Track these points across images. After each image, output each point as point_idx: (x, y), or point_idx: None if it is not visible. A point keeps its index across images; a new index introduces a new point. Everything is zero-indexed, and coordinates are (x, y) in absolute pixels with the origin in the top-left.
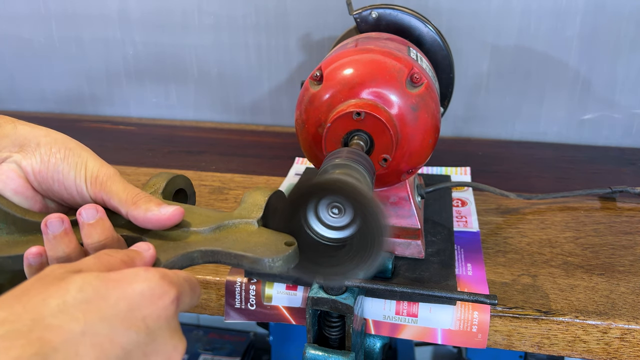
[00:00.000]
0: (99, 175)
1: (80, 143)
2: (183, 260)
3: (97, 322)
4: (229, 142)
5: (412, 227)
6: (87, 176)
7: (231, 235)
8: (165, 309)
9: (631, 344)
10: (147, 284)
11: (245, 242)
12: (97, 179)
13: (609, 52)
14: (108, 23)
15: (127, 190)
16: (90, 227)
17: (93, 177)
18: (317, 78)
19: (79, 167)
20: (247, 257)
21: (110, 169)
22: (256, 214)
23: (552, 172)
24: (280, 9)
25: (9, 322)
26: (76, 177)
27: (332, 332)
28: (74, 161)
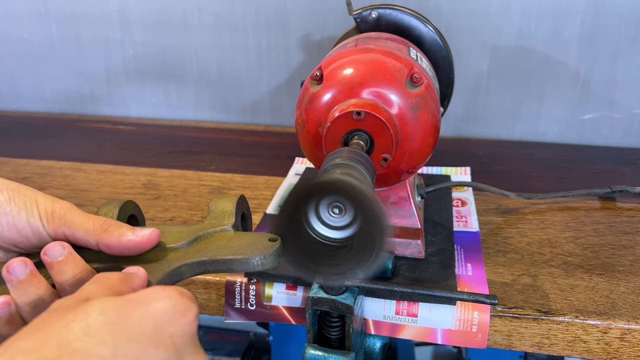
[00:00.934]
0: (55, 210)
1: (23, 184)
2: (172, 277)
3: (125, 343)
4: (229, 142)
5: (412, 226)
6: (41, 213)
7: (211, 244)
8: (189, 324)
9: (631, 344)
10: (168, 301)
11: (229, 247)
12: (53, 215)
13: (609, 52)
14: (108, 23)
15: (91, 220)
16: (60, 264)
17: (49, 213)
18: (317, 78)
19: (29, 205)
20: (236, 260)
21: (65, 202)
22: (228, 221)
23: (552, 172)
24: (280, 9)
25: (34, 350)
26: (28, 216)
27: (332, 332)
28: (21, 200)
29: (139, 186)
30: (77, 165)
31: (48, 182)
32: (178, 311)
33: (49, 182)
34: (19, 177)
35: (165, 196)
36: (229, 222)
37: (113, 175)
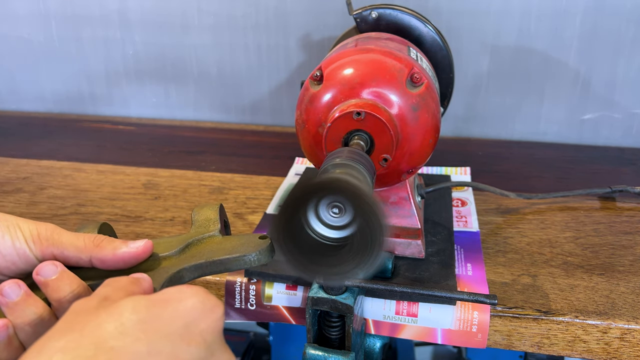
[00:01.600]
0: (40, 232)
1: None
2: (173, 282)
3: (159, 340)
4: (229, 142)
5: (412, 226)
6: (26, 236)
7: (203, 249)
8: (217, 321)
9: (631, 343)
10: (197, 298)
11: (222, 249)
12: (39, 236)
13: (609, 52)
14: (108, 23)
15: (81, 237)
16: (56, 282)
17: (34, 235)
18: (317, 78)
19: (12, 229)
20: (233, 259)
21: (48, 224)
22: (214, 227)
23: (552, 172)
24: (280, 9)
25: (70, 349)
26: (13, 240)
27: (332, 332)
28: (3, 225)
29: (139, 186)
30: (77, 165)
31: (48, 182)
32: (207, 308)
33: (49, 182)
34: (19, 177)
35: (165, 196)
36: (214, 228)
37: (113, 175)
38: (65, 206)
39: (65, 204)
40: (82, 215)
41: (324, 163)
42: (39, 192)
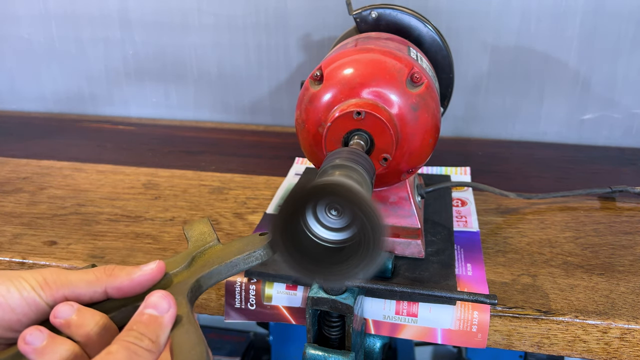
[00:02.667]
0: (46, 277)
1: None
2: (194, 292)
3: None
4: (229, 142)
5: (412, 226)
6: (33, 285)
7: (209, 258)
8: None
9: (631, 343)
10: None
11: (228, 252)
12: (46, 281)
13: (609, 52)
14: (108, 23)
15: (90, 271)
16: (77, 319)
17: (40, 281)
18: (317, 78)
19: (15, 282)
20: (243, 258)
21: (52, 268)
22: (211, 238)
23: (552, 172)
24: (280, 9)
25: None
26: (20, 291)
27: (332, 332)
28: (6, 279)
29: (139, 186)
30: (77, 165)
31: (48, 182)
32: None
33: (49, 182)
34: (19, 177)
35: (165, 196)
36: (212, 238)
37: (113, 175)
38: (65, 206)
39: (65, 204)
40: (82, 215)
41: (323, 164)
42: (39, 192)
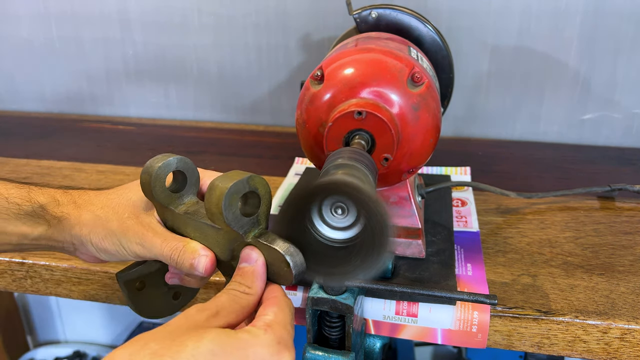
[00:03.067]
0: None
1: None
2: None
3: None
4: (229, 142)
5: (412, 226)
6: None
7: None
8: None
9: (631, 344)
10: (267, 349)
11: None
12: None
13: (609, 52)
14: (108, 23)
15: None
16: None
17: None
18: (318, 77)
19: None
20: None
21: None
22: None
23: (552, 172)
24: (280, 9)
25: (158, 355)
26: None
27: (332, 332)
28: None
29: None
30: (77, 165)
31: (48, 182)
32: (273, 358)
33: (49, 182)
34: (19, 177)
35: None
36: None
37: (113, 175)
38: None
39: None
40: None
41: (325, 163)
42: None
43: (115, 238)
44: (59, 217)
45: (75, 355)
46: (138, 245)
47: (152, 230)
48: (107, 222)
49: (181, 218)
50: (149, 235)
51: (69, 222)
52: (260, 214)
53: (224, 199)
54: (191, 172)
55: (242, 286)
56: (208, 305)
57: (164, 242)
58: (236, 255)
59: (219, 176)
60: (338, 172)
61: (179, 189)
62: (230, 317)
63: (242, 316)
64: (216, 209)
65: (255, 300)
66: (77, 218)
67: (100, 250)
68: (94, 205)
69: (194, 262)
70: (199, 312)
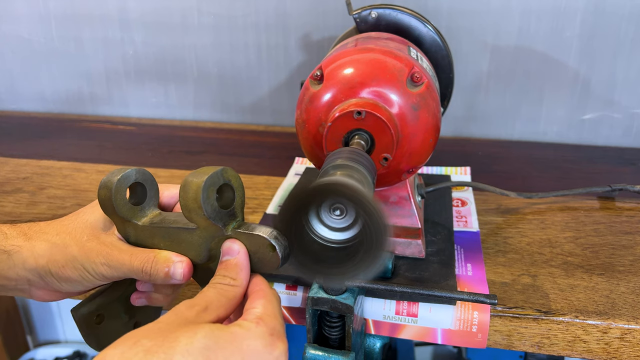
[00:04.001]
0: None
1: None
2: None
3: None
4: (229, 142)
5: (412, 226)
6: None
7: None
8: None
9: (631, 344)
10: (260, 341)
11: None
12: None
13: (609, 52)
14: (108, 23)
15: (135, 261)
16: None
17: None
18: (317, 77)
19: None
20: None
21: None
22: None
23: (552, 172)
24: (280, 9)
25: (151, 352)
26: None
27: (332, 332)
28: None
29: None
30: (77, 165)
31: (48, 182)
32: (266, 351)
33: (49, 182)
34: (19, 177)
35: None
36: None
37: None
38: (65, 206)
39: (65, 204)
40: None
41: (324, 164)
42: (38, 192)
43: (77, 263)
44: (8, 251)
45: (75, 355)
46: (104, 266)
47: (116, 248)
48: (65, 248)
49: (146, 230)
50: (114, 254)
51: (21, 256)
52: (236, 206)
53: (201, 192)
54: (150, 183)
55: (227, 279)
56: (196, 301)
57: (132, 256)
58: (214, 255)
59: (191, 173)
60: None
61: (140, 201)
62: (219, 311)
63: (230, 309)
64: (194, 203)
65: (242, 291)
66: (30, 250)
67: (62, 279)
68: (47, 233)
69: (169, 270)
70: (189, 308)
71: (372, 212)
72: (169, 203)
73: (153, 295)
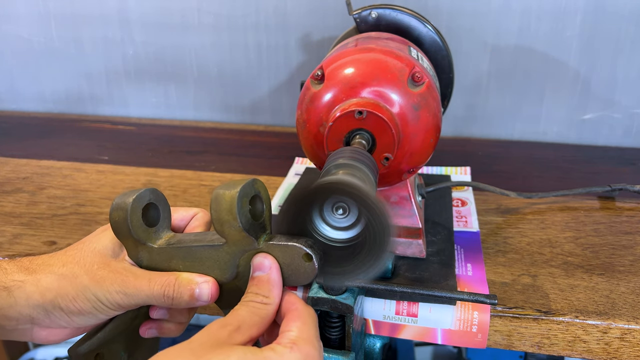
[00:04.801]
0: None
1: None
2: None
3: None
4: (229, 142)
5: (413, 226)
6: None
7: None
8: None
9: (631, 344)
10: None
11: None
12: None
13: (609, 52)
14: (108, 23)
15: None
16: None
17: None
18: (318, 77)
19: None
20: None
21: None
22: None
23: (552, 172)
24: (280, 9)
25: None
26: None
27: (332, 332)
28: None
29: (139, 186)
30: (77, 165)
31: (48, 182)
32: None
33: (49, 182)
34: (19, 177)
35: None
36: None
37: (113, 175)
38: (65, 206)
39: (65, 204)
40: (81, 215)
41: (326, 163)
42: (38, 192)
43: (89, 293)
44: (8, 287)
45: None
46: (119, 294)
47: (131, 274)
48: (75, 279)
49: (163, 252)
50: (130, 280)
51: (24, 292)
52: (266, 218)
53: (236, 202)
54: (163, 204)
55: (259, 296)
56: (229, 320)
57: (150, 282)
58: (241, 272)
59: (219, 186)
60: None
61: (153, 223)
62: (252, 331)
63: (263, 328)
64: (228, 215)
65: (275, 309)
66: (35, 284)
67: (73, 313)
68: (52, 265)
69: (195, 292)
70: (221, 328)
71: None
72: (179, 225)
73: (165, 325)
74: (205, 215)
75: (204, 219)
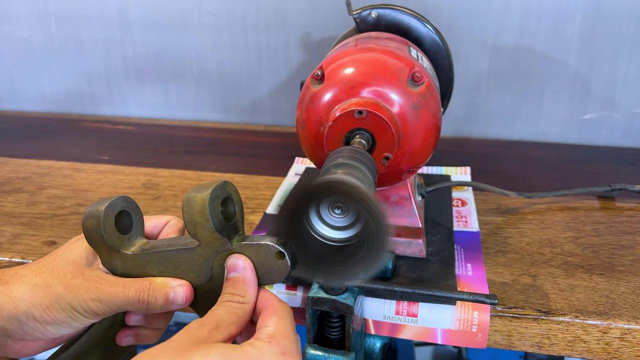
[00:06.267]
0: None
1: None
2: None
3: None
4: (229, 142)
5: (413, 226)
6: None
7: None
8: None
9: (631, 344)
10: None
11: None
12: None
13: (609, 52)
14: (108, 23)
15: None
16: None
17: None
18: (318, 77)
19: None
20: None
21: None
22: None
23: (552, 172)
24: (280, 9)
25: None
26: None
27: (332, 332)
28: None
29: (139, 186)
30: (77, 165)
31: (48, 182)
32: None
33: (49, 182)
34: (19, 177)
35: (165, 196)
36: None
37: (113, 175)
38: (65, 206)
39: (65, 204)
40: (81, 215)
41: (325, 162)
42: (38, 192)
43: (63, 302)
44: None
45: None
46: (94, 302)
47: (105, 282)
48: (48, 288)
49: (138, 258)
50: (105, 287)
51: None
52: (238, 219)
53: (208, 204)
54: (136, 211)
55: (236, 296)
56: (208, 320)
57: (125, 288)
58: (215, 274)
59: (191, 189)
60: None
61: (127, 230)
62: (230, 329)
63: (241, 326)
64: (200, 216)
65: (251, 308)
66: (7, 295)
67: (48, 323)
68: (24, 276)
69: (170, 295)
70: (201, 327)
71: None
72: (152, 233)
73: (142, 331)
74: (178, 222)
75: (177, 226)
